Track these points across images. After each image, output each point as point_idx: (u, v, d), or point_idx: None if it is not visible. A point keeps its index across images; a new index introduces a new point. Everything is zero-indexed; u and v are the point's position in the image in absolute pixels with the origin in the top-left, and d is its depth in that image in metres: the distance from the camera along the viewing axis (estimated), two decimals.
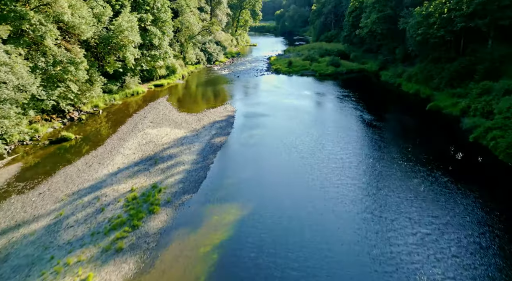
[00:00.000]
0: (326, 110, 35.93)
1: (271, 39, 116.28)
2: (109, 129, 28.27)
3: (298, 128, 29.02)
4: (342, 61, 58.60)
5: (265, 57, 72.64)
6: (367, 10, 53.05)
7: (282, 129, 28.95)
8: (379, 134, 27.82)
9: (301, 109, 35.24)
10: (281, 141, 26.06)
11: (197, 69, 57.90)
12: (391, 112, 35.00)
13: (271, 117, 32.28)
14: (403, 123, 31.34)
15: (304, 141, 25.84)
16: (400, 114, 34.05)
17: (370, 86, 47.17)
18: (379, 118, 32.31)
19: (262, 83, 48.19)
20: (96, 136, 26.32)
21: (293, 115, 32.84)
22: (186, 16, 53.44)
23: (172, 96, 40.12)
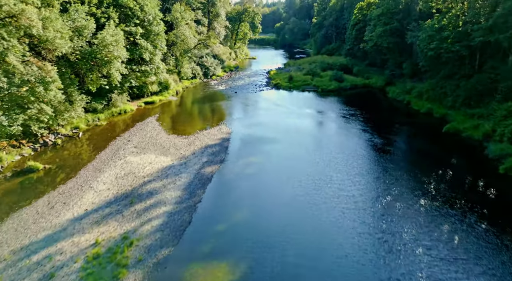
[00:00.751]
0: (331, 132, 32.53)
1: (271, 52, 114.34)
2: (86, 156, 24.85)
3: (301, 155, 25.60)
4: (346, 75, 55.69)
5: (264, 71, 69.95)
6: (372, 23, 50.52)
7: (282, 157, 25.53)
8: (393, 163, 24.36)
9: (304, 130, 31.91)
10: (281, 172, 22.61)
11: (193, 84, 54.99)
12: (403, 135, 31.64)
13: (270, 140, 28.92)
14: (419, 148, 27.92)
15: (309, 172, 22.36)
16: (414, 137, 30.67)
17: (377, 103, 43.99)
18: (391, 142, 28.95)
19: (261, 99, 45.08)
20: (69, 166, 22.87)
21: (295, 138, 29.48)
22: (181, 29, 50.86)
23: (163, 115, 36.88)
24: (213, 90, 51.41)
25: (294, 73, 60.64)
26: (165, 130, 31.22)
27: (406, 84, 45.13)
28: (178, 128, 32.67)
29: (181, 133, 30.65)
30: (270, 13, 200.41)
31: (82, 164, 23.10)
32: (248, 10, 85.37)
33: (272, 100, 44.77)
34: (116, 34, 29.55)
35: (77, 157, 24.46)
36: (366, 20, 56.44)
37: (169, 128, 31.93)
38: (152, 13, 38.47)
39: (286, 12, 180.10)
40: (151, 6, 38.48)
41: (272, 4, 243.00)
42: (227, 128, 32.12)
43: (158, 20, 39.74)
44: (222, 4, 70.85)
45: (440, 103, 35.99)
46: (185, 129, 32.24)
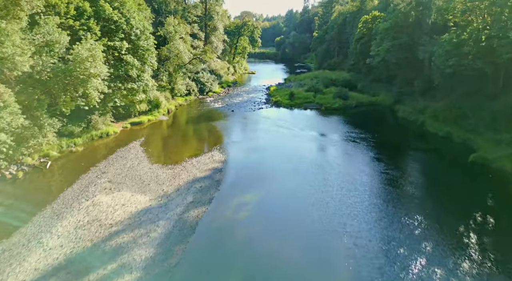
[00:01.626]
0: (340, 160, 28.35)
1: (271, 66, 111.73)
2: (46, 194, 20.70)
3: (307, 192, 21.45)
4: (350, 92, 52.11)
5: (264, 87, 66.57)
6: (378, 37, 47.30)
7: (284, 194, 21.40)
8: (420, 205, 20.18)
9: (308, 158, 27.83)
10: (284, 218, 18.46)
11: (187, 101, 51.35)
12: (424, 164, 27.48)
13: (269, 172, 24.85)
14: (447, 184, 23.60)
15: (317, 218, 18.19)
16: (437, 168, 26.49)
17: (387, 123, 40.06)
18: (412, 174, 24.84)
19: (260, 119, 41.24)
20: (21, 209, 18.70)
21: (299, 169, 25.39)
22: (175, 44, 47.62)
23: (150, 138, 32.93)
24: (208, 108, 47.70)
25: (295, 89, 57.19)
26: (148, 157, 27.18)
27: (418, 102, 41.37)
28: (165, 154, 28.66)
29: (167, 161, 26.60)
30: (270, 27, 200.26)
31: (39, 206, 18.94)
32: (247, 24, 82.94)
33: (272, 120, 40.93)
34: (94, 48, 25.92)
35: (35, 197, 20.29)
36: (372, 34, 53.33)
37: (154, 155, 27.89)
38: (140, 26, 35.13)
39: (286, 26, 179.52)
40: (139, 19, 35.18)
41: (272, 18, 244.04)
42: (221, 155, 28.09)
43: (147, 34, 36.37)
44: (220, 18, 68.19)
45: (459, 125, 32.09)
46: (172, 156, 28.20)
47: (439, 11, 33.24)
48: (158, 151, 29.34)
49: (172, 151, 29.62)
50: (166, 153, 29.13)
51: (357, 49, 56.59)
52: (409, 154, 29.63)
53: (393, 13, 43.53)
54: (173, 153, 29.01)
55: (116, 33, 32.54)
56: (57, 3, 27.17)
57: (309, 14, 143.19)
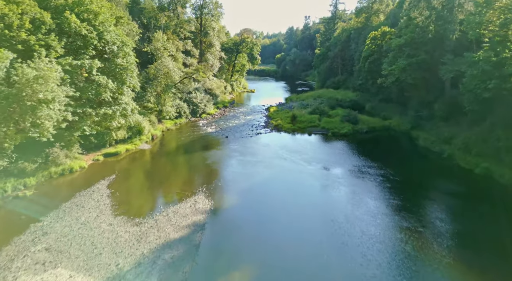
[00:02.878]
0: (359, 211, 22.14)
1: (271, 84, 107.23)
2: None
3: (319, 264, 15.32)
4: (359, 115, 46.58)
5: (263, 107, 61.29)
6: (391, 54, 42.25)
7: (287, 269, 15.26)
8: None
9: (317, 207, 21.81)
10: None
11: (177, 124, 45.84)
12: (462, 216, 21.34)
13: (270, 231, 18.80)
14: (501, 246, 17.57)
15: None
16: (481, 222, 20.36)
17: (406, 155, 34.09)
18: (446, 234, 18.70)
19: (258, 148, 35.46)
20: None
21: (305, 226, 19.34)
22: (163, 61, 42.64)
23: (123, 175, 27.06)
24: (200, 133, 42.07)
25: (297, 111, 51.80)
26: (113, 206, 21.21)
27: (440, 129, 35.71)
28: (135, 201, 22.65)
29: (136, 212, 20.61)
30: (270, 44, 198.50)
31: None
32: (246, 40, 78.80)
33: (272, 149, 35.14)
34: (45, 68, 20.49)
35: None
36: (382, 51, 48.45)
37: (121, 202, 21.90)
38: (118, 42, 30.00)
39: (287, 43, 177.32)
40: (116, 33, 30.10)
41: (273, 35, 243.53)
42: (206, 201, 22.11)
43: (127, 51, 31.20)
44: (217, 34, 63.86)
45: (502, 161, 26.22)
46: (144, 203, 22.24)
47: (470, 25, 28.10)
48: (127, 195, 23.34)
49: (145, 195, 23.64)
50: (138, 198, 23.13)
51: (365, 67, 51.58)
52: (439, 199, 23.52)
53: (408, 28, 38.59)
54: (146, 199, 23.03)
55: (85, 50, 27.30)
56: (7, 13, 21.99)
57: (310, 31, 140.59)
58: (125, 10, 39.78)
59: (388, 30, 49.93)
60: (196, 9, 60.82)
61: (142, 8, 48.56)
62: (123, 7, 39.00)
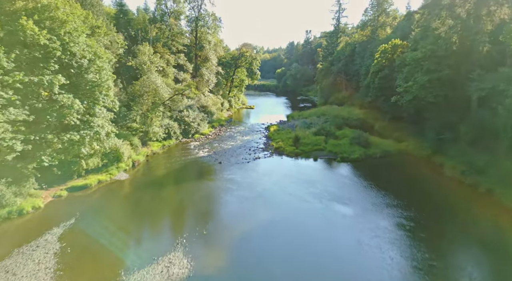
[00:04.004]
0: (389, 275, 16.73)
1: (271, 100, 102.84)
2: None
3: None
4: (370, 136, 41.42)
5: (262, 126, 56.29)
6: (406, 69, 37.51)
7: None
8: None
9: (337, 274, 16.28)
10: None
11: (165, 147, 40.65)
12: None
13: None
14: None
15: None
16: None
17: (433, 189, 28.39)
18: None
19: (256, 178, 30.10)
20: None
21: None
22: (150, 77, 37.94)
23: (85, 217, 21.61)
24: (190, 157, 36.82)
25: (300, 130, 46.75)
26: (57, 272, 15.70)
27: (469, 156, 30.44)
28: (88, 263, 17.05)
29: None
30: (271, 59, 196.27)
31: None
32: (245, 54, 74.79)
33: (273, 179, 29.79)
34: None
35: None
36: (394, 66, 43.84)
37: (70, 265, 16.38)
38: (89, 54, 25.21)
39: (288, 58, 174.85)
40: (88, 45, 25.36)
41: (273, 50, 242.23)
42: (184, 264, 16.60)
43: (101, 65, 26.38)
44: (213, 48, 59.70)
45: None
46: (100, 267, 16.68)
47: (510, 35, 23.37)
48: (82, 252, 17.75)
49: (104, 253, 18.00)
50: (94, 258, 17.49)
51: (375, 83, 46.83)
52: (493, 263, 18.02)
53: (427, 40, 33.98)
54: (103, 259, 17.44)
55: (46, 64, 22.43)
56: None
57: (312, 45, 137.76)
58: (107, 20, 35.38)
59: (399, 43, 45.49)
60: (191, 21, 56.88)
61: (130, 19, 44.39)
62: (104, 16, 34.63)
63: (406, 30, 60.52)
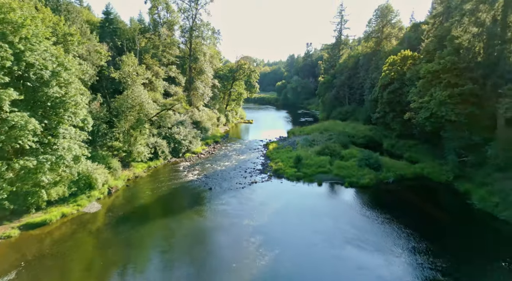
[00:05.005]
0: None
1: (271, 114, 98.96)
2: None
3: None
4: (381, 157, 36.95)
5: (261, 143, 51.99)
6: (420, 83, 33.46)
7: None
8: None
9: None
10: None
11: (151, 168, 36.23)
12: None
13: None
14: None
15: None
16: None
17: (465, 225, 23.62)
18: None
19: (250, 211, 25.49)
20: None
21: None
22: (135, 91, 33.95)
23: (32, 268, 17.01)
24: (178, 181, 32.34)
25: (302, 149, 42.46)
26: None
27: (499, 183, 26.04)
28: None
29: None
30: (271, 71, 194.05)
31: None
32: (243, 67, 71.33)
33: (270, 210, 25.23)
34: None
35: None
36: (405, 79, 39.92)
37: None
38: (51, 65, 21.19)
39: (288, 71, 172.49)
40: (51, 54, 21.38)
41: (273, 63, 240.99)
42: None
43: (67, 77, 22.31)
44: (209, 59, 56.12)
45: None
46: None
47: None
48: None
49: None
50: None
51: (385, 98, 42.76)
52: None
53: (446, 50, 30.06)
54: None
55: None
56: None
57: (312, 58, 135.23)
58: (87, 27, 31.69)
59: (409, 54, 41.72)
60: (185, 32, 53.51)
61: (116, 28, 40.87)
62: (82, 23, 30.95)
63: (413, 41, 57.22)
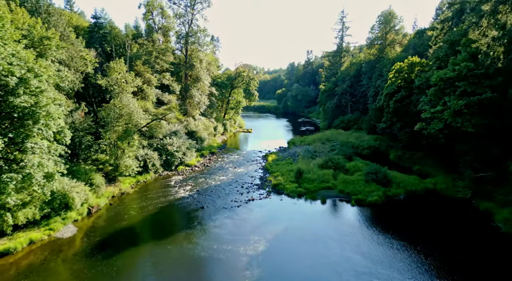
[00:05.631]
0: None
1: (271, 122, 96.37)
2: None
3: None
4: (389, 171, 34.06)
5: (260, 154, 49.20)
6: (431, 91, 30.80)
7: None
8: None
9: None
10: None
11: (139, 183, 33.40)
12: None
13: None
14: None
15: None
16: None
17: (492, 252, 20.87)
18: None
19: (247, 232, 22.55)
20: None
21: None
22: (123, 99, 31.39)
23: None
24: (168, 199, 29.44)
25: (303, 162, 39.68)
26: None
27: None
28: None
29: None
30: (271, 79, 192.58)
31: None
32: (241, 74, 69.05)
33: (268, 235, 22.28)
34: None
35: None
36: (412, 87, 37.35)
37: None
38: (18, 71, 18.60)
39: (288, 79, 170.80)
40: (19, 57, 18.83)
41: (273, 71, 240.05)
42: None
43: (38, 85, 19.70)
44: (205, 66, 53.78)
45: None
46: None
47: None
48: None
49: None
50: None
51: (391, 107, 40.10)
52: None
53: (460, 56, 27.51)
54: None
55: None
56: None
57: (313, 65, 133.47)
58: (71, 32, 29.28)
59: (417, 61, 39.24)
60: (180, 38, 51.30)
61: (106, 33, 38.55)
62: (66, 27, 28.56)
63: (418, 48, 54.96)
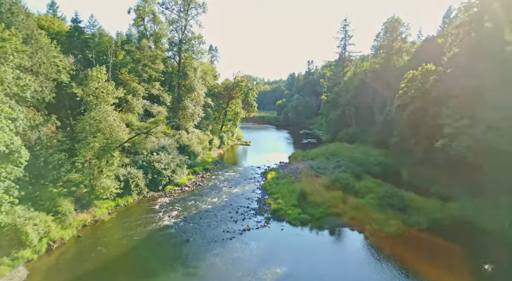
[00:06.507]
0: None
1: (271, 134, 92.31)
2: None
3: None
4: (405, 193, 29.68)
5: (258, 171, 44.89)
6: (453, 102, 26.77)
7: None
8: None
9: None
10: None
11: (118, 208, 29.04)
12: None
13: None
14: None
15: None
16: None
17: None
18: None
19: (239, 278, 18.08)
20: None
21: None
22: (102, 113, 27.35)
23: None
24: (147, 229, 24.99)
25: (307, 181, 35.36)
26: None
27: None
28: None
29: None
30: (271, 90, 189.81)
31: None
32: (240, 84, 65.45)
33: (267, 279, 17.80)
34: None
35: None
36: (430, 98, 33.36)
37: None
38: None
39: (288, 89, 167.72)
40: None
41: (273, 82, 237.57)
42: None
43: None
44: (200, 75, 50.10)
45: None
46: None
47: None
48: None
49: None
50: None
51: (404, 120, 36.01)
52: None
53: (488, 62, 23.66)
54: None
55: None
56: None
57: (314, 76, 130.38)
58: (37, 34, 25.52)
59: (433, 69, 35.42)
60: (173, 45, 47.80)
61: (87, 38, 34.93)
62: (31, 29, 24.82)
63: (428, 56, 51.38)
